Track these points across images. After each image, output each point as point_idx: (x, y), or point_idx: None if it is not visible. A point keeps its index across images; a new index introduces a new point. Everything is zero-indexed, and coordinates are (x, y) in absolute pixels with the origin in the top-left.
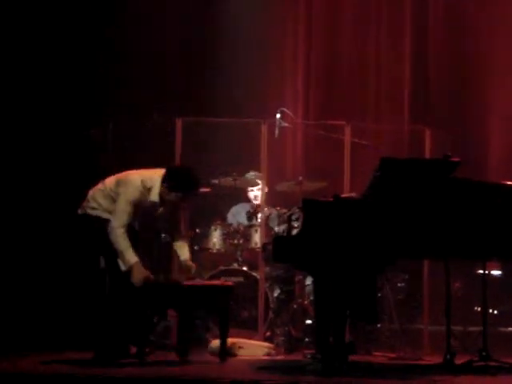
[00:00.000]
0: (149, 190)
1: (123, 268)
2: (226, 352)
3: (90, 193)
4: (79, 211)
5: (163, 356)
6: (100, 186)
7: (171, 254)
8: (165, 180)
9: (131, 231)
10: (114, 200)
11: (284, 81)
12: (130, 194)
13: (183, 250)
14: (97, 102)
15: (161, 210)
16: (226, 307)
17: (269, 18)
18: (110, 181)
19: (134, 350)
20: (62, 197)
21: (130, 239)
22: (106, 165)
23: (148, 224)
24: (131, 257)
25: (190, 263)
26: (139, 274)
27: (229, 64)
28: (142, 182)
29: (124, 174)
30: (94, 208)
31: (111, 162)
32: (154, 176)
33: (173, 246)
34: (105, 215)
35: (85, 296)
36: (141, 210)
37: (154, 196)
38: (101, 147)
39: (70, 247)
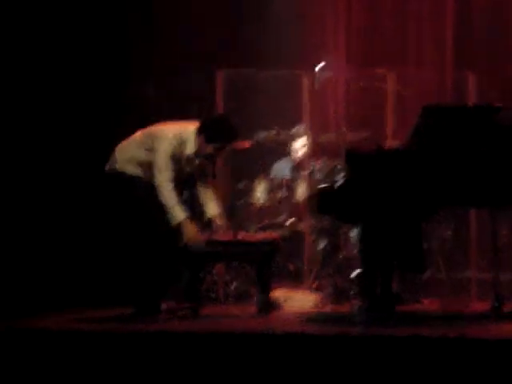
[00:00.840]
0: (184, 142)
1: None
2: (268, 305)
3: (119, 147)
4: (107, 168)
5: (210, 310)
6: (130, 139)
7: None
8: (201, 131)
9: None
10: (148, 152)
11: (324, 31)
12: (167, 147)
13: (210, 204)
14: (136, 57)
15: (196, 163)
16: (269, 260)
17: None
18: (142, 133)
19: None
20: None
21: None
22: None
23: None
24: (180, 213)
25: (221, 221)
26: (190, 231)
27: (269, 14)
28: (177, 134)
29: (157, 127)
30: (126, 161)
31: (152, 117)
32: (188, 128)
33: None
34: (139, 171)
35: (119, 252)
36: (177, 165)
37: (190, 149)
38: (142, 103)
39: (105, 205)
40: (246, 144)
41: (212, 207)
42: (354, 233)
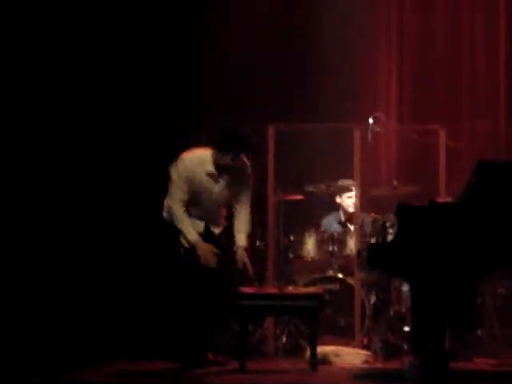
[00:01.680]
0: (203, 161)
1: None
2: (316, 360)
3: None
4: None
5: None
6: None
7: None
8: (214, 144)
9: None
10: None
11: (377, 85)
12: (179, 169)
13: (240, 234)
14: (188, 107)
15: (221, 183)
16: (315, 314)
17: (361, 24)
18: None
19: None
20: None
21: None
22: None
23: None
24: (192, 235)
25: (246, 259)
26: (204, 251)
27: (321, 69)
28: (194, 157)
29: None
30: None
31: None
32: (207, 149)
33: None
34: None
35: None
36: (195, 186)
37: (209, 165)
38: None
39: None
40: (298, 196)
41: (240, 236)
42: (405, 287)
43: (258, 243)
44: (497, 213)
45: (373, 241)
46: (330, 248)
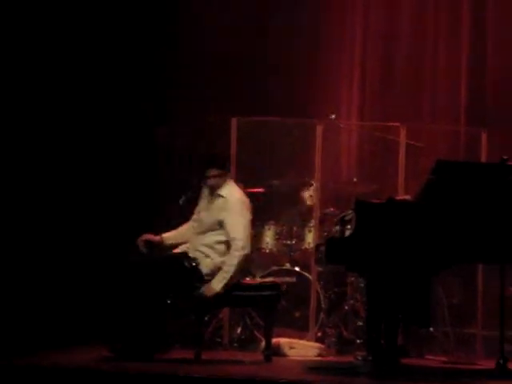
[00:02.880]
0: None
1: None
2: (270, 352)
3: None
4: None
5: (215, 354)
6: None
7: None
8: None
9: None
10: None
11: (339, 83)
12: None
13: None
14: (157, 102)
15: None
16: (272, 304)
17: (326, 23)
18: None
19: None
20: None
21: None
22: (167, 163)
23: None
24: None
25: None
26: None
27: (286, 66)
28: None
29: None
30: None
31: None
32: None
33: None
34: None
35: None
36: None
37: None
38: (163, 147)
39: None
40: (258, 189)
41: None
42: (361, 283)
43: None
44: (453, 212)
45: (331, 236)
46: (289, 241)
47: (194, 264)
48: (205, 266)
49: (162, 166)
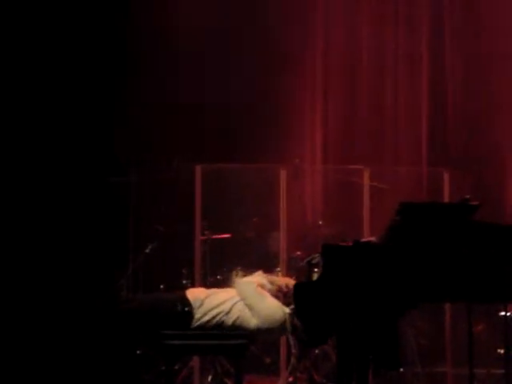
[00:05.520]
0: None
1: None
2: None
3: None
4: None
5: None
6: None
7: None
8: None
9: None
10: None
11: (302, 128)
12: None
13: None
14: (117, 150)
15: None
16: (241, 352)
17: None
18: None
19: None
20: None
21: None
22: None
23: None
24: None
25: None
26: None
27: (247, 112)
28: None
29: None
30: None
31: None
32: None
33: None
34: None
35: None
36: None
37: None
38: (123, 195)
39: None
40: (225, 235)
41: None
42: None
43: (184, 281)
44: (418, 252)
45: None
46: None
47: (186, 309)
48: None
49: (126, 215)
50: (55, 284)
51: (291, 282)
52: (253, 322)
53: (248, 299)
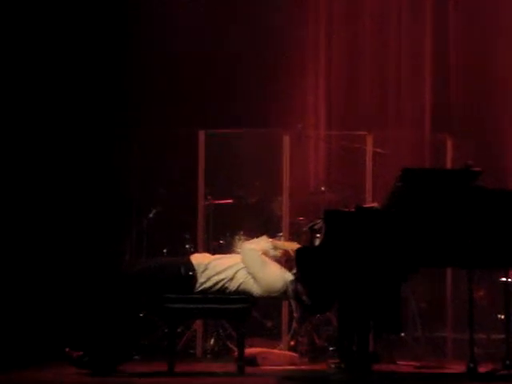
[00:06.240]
0: None
1: None
2: (243, 362)
3: None
4: None
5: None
6: None
7: None
8: None
9: None
10: None
11: (305, 92)
12: None
13: None
14: (120, 115)
15: None
16: (243, 316)
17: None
18: None
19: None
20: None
21: None
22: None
23: None
24: None
25: None
26: None
27: (252, 77)
28: None
29: None
30: None
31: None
32: None
33: None
34: None
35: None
36: None
37: None
38: (126, 161)
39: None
40: (228, 200)
41: None
42: None
43: (187, 246)
44: (420, 218)
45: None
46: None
47: (190, 273)
48: None
49: (130, 180)
50: (60, 248)
51: (296, 246)
52: (255, 288)
53: (251, 268)
